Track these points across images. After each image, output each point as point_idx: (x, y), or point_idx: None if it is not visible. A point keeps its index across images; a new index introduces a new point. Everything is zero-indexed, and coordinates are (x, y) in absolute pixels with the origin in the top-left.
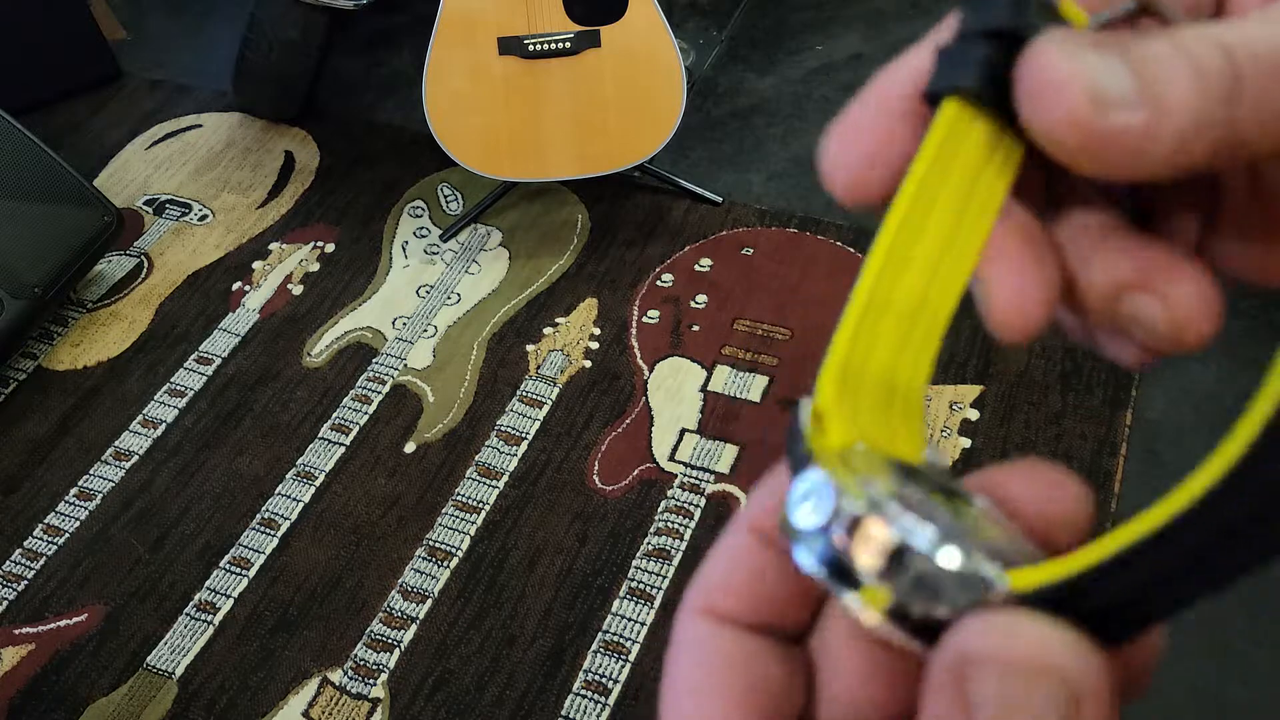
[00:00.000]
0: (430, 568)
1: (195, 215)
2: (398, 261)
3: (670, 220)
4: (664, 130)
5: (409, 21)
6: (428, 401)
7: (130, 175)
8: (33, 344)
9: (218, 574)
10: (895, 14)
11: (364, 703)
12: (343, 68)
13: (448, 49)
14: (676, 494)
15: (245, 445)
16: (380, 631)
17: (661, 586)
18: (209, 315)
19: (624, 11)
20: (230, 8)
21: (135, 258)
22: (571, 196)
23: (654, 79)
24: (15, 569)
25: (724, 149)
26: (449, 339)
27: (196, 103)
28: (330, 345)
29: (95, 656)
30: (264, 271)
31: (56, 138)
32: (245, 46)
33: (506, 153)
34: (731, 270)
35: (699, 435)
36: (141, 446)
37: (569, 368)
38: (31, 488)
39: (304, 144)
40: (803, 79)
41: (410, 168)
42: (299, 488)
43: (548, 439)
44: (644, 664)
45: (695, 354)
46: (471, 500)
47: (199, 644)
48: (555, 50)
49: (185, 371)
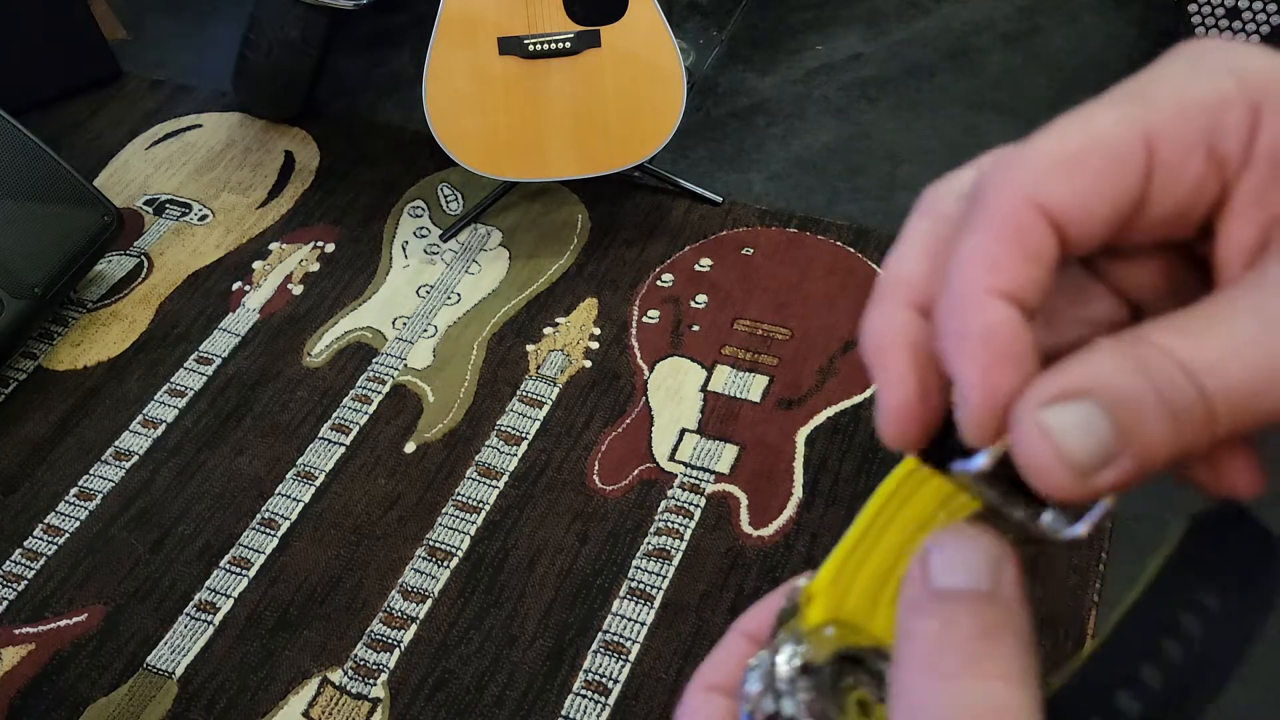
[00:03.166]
0: (430, 568)
1: (195, 215)
2: (398, 261)
3: (670, 220)
4: (664, 130)
5: (409, 21)
6: (428, 401)
7: (130, 175)
8: (33, 344)
9: (218, 574)
10: (895, 14)
11: (364, 703)
12: (343, 68)
13: (448, 49)
14: (676, 494)
15: (245, 445)
16: (380, 631)
17: (661, 586)
18: (209, 315)
19: (624, 11)
20: (230, 8)
21: (135, 258)
22: (571, 196)
23: (654, 79)
24: (15, 569)
25: (724, 149)
26: (449, 339)
27: (196, 103)
28: (330, 345)
29: (95, 656)
30: (264, 271)
31: (56, 138)
32: (245, 46)
33: (506, 153)
34: (731, 270)
35: (699, 435)
36: (141, 446)
37: (569, 368)
38: (31, 488)
39: (304, 144)
40: (803, 79)
41: (410, 168)
42: (299, 488)
43: (548, 439)
44: (644, 664)
45: (695, 354)
46: (471, 500)
47: (199, 644)
48: (555, 50)
49: (185, 371)
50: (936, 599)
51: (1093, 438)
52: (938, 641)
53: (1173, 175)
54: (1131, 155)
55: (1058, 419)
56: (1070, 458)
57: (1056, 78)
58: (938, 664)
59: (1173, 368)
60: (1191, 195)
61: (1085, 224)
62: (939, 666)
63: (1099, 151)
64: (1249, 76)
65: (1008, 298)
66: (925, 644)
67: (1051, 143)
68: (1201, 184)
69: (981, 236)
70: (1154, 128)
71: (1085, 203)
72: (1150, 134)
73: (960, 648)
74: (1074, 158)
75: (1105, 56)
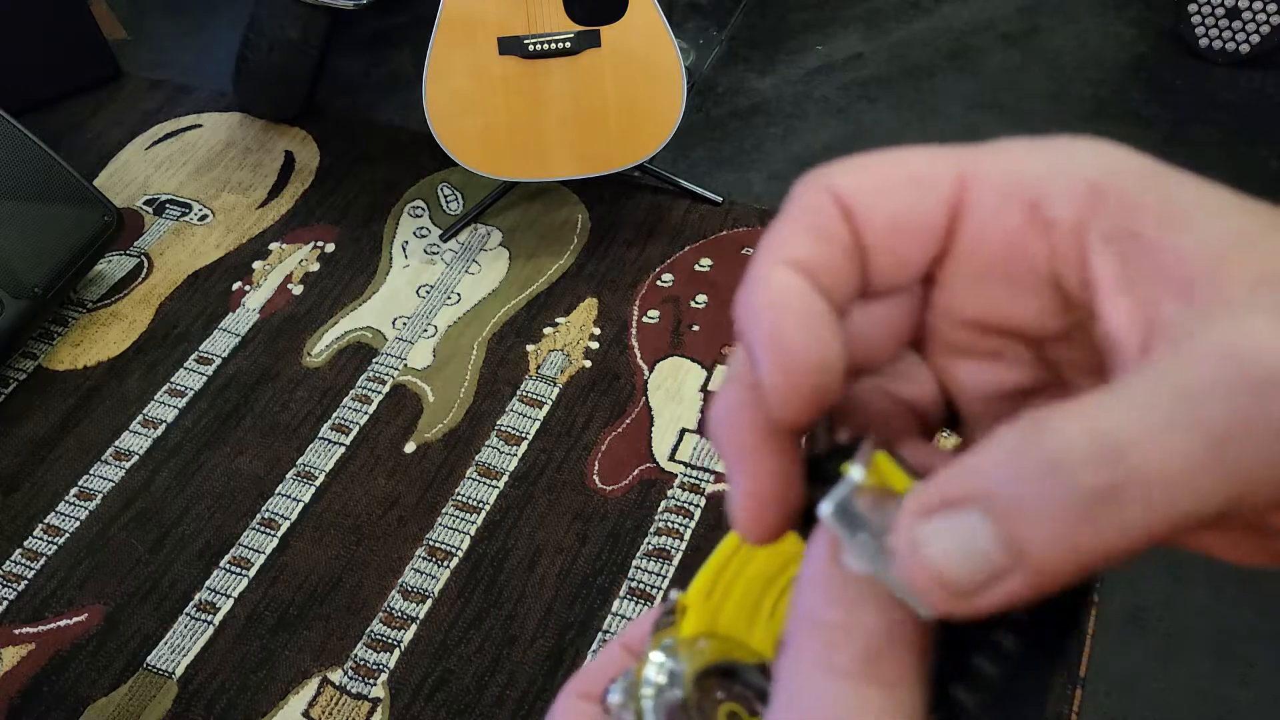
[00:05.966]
0: (430, 568)
1: (195, 215)
2: (398, 261)
3: (670, 220)
4: (664, 130)
5: (409, 21)
6: (428, 401)
7: (130, 175)
8: (33, 344)
9: (218, 574)
10: (895, 14)
11: (364, 703)
12: (343, 68)
13: (448, 49)
14: (676, 494)
15: (245, 445)
16: (380, 631)
17: (661, 586)
18: (209, 315)
19: (624, 11)
20: (230, 8)
21: (135, 258)
22: (571, 196)
23: (654, 79)
24: (15, 569)
25: (724, 149)
26: (449, 339)
27: (196, 103)
28: (330, 345)
29: (95, 656)
30: (264, 271)
31: (56, 138)
32: (245, 46)
33: (506, 153)
34: (731, 270)
35: (699, 435)
36: (141, 446)
37: (569, 368)
38: (31, 488)
39: (304, 144)
40: (803, 79)
41: (410, 168)
42: (299, 488)
43: (548, 439)
44: None
45: (695, 354)
46: (471, 500)
47: (199, 644)
48: (555, 50)
49: (185, 371)
50: (841, 585)
51: (975, 555)
52: (839, 633)
53: (986, 219)
54: (936, 180)
55: (935, 535)
56: (947, 580)
57: (1056, 78)
58: (833, 660)
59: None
60: (1007, 244)
61: (877, 215)
62: (834, 663)
63: (903, 167)
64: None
65: (794, 265)
66: (823, 636)
67: (860, 156)
68: (1018, 238)
69: (776, 225)
70: (968, 173)
71: (878, 195)
72: (963, 176)
73: (862, 644)
74: (876, 163)
75: (1105, 56)
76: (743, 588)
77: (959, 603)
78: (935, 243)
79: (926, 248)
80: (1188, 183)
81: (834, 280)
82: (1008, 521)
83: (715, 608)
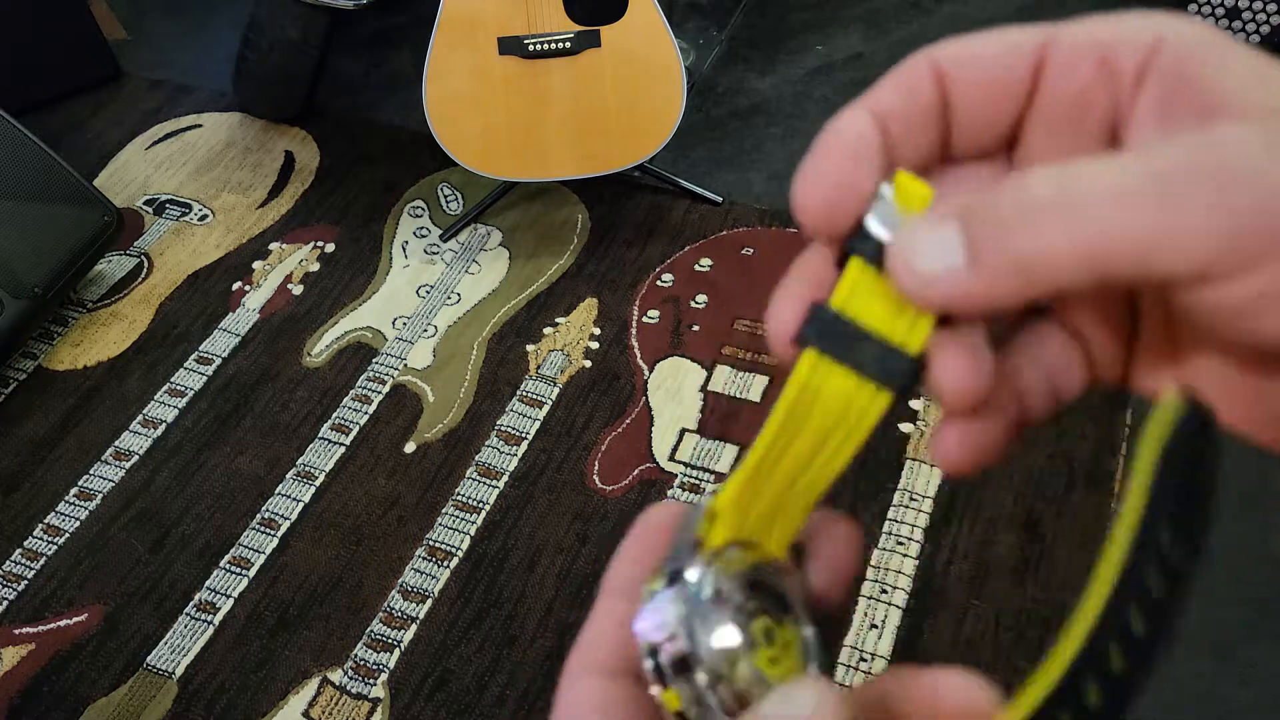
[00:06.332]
0: (430, 568)
1: (195, 215)
2: (398, 261)
3: (670, 220)
4: (664, 130)
5: (409, 21)
6: (428, 401)
7: (130, 175)
8: (33, 344)
9: (218, 574)
10: (895, 14)
11: (364, 703)
12: (343, 68)
13: (448, 49)
14: (676, 494)
15: (245, 445)
16: (380, 631)
17: None
18: (209, 315)
19: (624, 11)
20: (230, 8)
21: (135, 258)
22: (571, 196)
23: (654, 79)
24: (15, 569)
25: (724, 149)
26: (449, 339)
27: (196, 103)
28: (330, 345)
29: (95, 656)
30: (264, 271)
31: (56, 138)
32: (245, 46)
33: (506, 153)
34: (731, 270)
35: (699, 435)
36: (141, 446)
37: (569, 368)
38: (31, 488)
39: (304, 144)
40: (803, 79)
41: (410, 168)
42: (299, 488)
43: (548, 439)
44: None
45: (695, 354)
46: (471, 500)
47: (199, 644)
48: (555, 50)
49: (185, 371)
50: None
51: (943, 253)
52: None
53: (1063, 73)
54: (1022, 44)
55: (918, 234)
56: (916, 270)
57: None
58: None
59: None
60: (1079, 95)
61: (966, 75)
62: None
63: (997, 37)
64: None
65: (871, 111)
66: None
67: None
68: (1090, 88)
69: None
70: (1053, 36)
71: (970, 59)
72: (1049, 39)
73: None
74: (974, 36)
75: None
76: (773, 489)
77: (923, 290)
78: (1017, 101)
79: (1010, 105)
80: (1243, 48)
81: (907, 130)
82: (972, 227)
83: (744, 512)
